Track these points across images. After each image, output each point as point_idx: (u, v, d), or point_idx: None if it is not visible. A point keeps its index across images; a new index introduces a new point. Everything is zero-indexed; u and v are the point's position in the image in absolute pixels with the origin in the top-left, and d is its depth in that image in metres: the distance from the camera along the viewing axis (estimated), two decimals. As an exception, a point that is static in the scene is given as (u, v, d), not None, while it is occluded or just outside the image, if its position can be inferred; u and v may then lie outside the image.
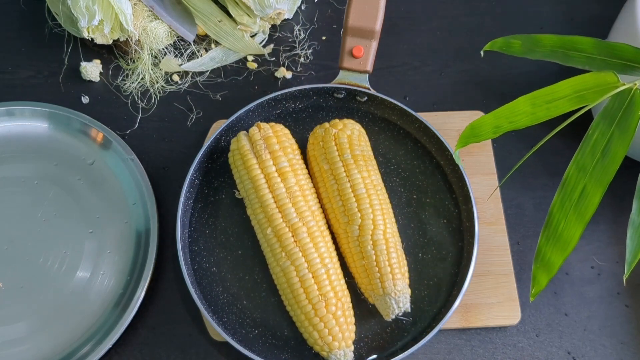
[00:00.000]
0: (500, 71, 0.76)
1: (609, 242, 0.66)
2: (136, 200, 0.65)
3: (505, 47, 0.56)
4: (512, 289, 0.62)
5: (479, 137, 0.51)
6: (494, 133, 0.51)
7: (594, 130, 0.49)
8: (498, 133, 0.51)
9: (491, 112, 0.51)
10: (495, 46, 0.56)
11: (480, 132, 0.51)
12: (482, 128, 0.51)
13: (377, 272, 0.57)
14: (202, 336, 0.61)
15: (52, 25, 0.76)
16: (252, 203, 0.60)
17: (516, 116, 0.50)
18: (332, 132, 0.62)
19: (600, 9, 0.80)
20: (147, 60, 0.73)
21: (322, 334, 0.55)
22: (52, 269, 0.63)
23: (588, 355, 0.62)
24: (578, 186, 0.49)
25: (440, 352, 0.61)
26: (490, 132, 0.51)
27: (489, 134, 0.51)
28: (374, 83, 0.67)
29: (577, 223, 0.48)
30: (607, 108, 0.49)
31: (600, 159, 0.48)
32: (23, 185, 0.66)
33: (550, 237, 0.49)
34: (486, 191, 0.67)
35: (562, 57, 0.54)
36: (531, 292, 0.49)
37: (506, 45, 0.56)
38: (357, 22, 0.64)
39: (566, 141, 0.67)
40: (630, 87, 0.49)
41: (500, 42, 0.56)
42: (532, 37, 0.55)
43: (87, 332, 0.60)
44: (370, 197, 0.59)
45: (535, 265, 0.49)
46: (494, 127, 0.51)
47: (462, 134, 0.51)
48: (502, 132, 0.51)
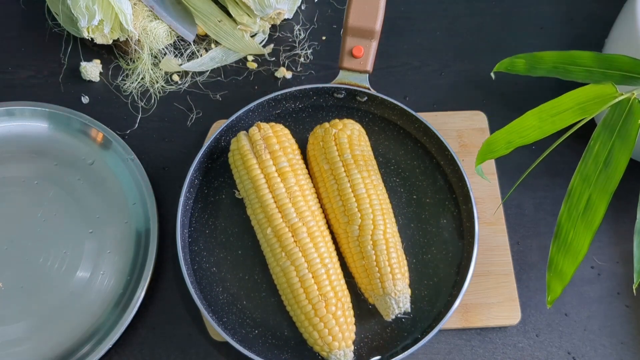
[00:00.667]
0: (500, 71, 0.76)
1: (609, 242, 0.66)
2: (136, 200, 0.65)
3: (510, 66, 0.58)
4: (512, 289, 0.62)
5: (494, 153, 0.53)
6: (506, 149, 0.53)
7: (595, 141, 0.50)
8: (510, 148, 0.53)
9: (503, 127, 0.52)
10: (502, 67, 0.58)
11: (496, 148, 0.53)
12: (496, 144, 0.53)
13: (377, 272, 0.57)
14: (202, 336, 0.61)
15: (52, 25, 0.76)
16: (252, 203, 0.60)
17: (525, 131, 0.52)
18: (332, 132, 0.62)
19: (600, 8, 0.79)
20: (147, 60, 0.73)
21: (322, 334, 0.55)
22: (52, 269, 0.63)
23: (588, 355, 0.62)
24: (583, 196, 0.49)
25: (440, 352, 0.62)
26: (504, 147, 0.53)
27: (503, 149, 0.53)
28: (374, 83, 0.67)
29: (586, 232, 0.49)
30: (607, 118, 0.50)
31: (603, 169, 0.49)
32: (23, 185, 0.66)
33: (561, 247, 0.50)
34: (486, 191, 0.67)
35: (563, 73, 0.55)
36: (547, 300, 0.50)
37: (511, 65, 0.58)
38: (357, 22, 0.64)
39: (566, 141, 0.67)
40: (628, 97, 0.49)
41: (506, 63, 0.58)
42: (534, 55, 0.57)
43: (87, 332, 0.60)
44: (370, 197, 0.59)
45: (549, 274, 0.50)
46: (506, 142, 0.53)
47: (480, 151, 0.53)
48: (514, 147, 0.52)
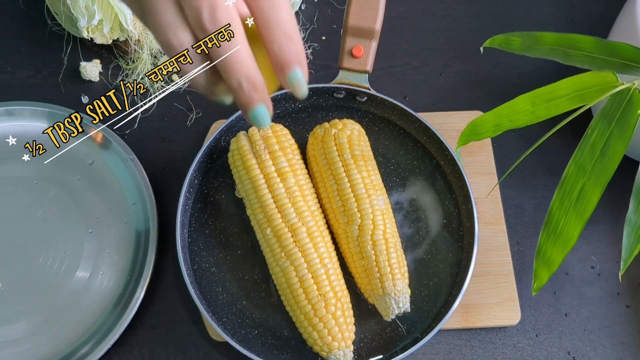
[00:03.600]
0: (500, 71, 0.76)
1: (609, 242, 0.66)
2: (136, 200, 0.65)
3: (504, 44, 0.56)
4: (512, 289, 0.62)
5: (479, 135, 0.52)
6: (494, 132, 0.51)
7: (593, 130, 0.49)
8: (498, 132, 0.51)
9: (491, 110, 0.51)
10: (495, 43, 0.56)
11: (481, 130, 0.52)
12: (482, 126, 0.52)
13: (377, 272, 0.57)
14: (201, 336, 0.61)
15: (52, 25, 0.76)
16: (252, 203, 0.59)
17: (516, 115, 0.51)
18: (332, 132, 0.62)
19: (600, 8, 0.79)
20: (147, 60, 0.73)
21: (322, 334, 0.55)
22: (51, 268, 0.63)
23: (588, 356, 0.61)
24: (577, 185, 0.49)
25: (440, 353, 0.61)
26: (490, 130, 0.51)
27: (489, 132, 0.51)
28: (374, 83, 0.67)
29: (577, 221, 0.49)
30: (606, 107, 0.49)
31: (599, 158, 0.48)
32: (22, 185, 0.66)
33: (551, 235, 0.49)
34: (486, 191, 0.66)
35: (562, 56, 0.54)
36: (533, 287, 0.50)
37: (506, 42, 0.56)
38: (357, 22, 0.64)
39: (566, 141, 0.67)
40: (629, 87, 0.49)
41: (499, 39, 0.56)
42: (532, 34, 0.55)
43: (86, 332, 0.60)
44: (370, 197, 0.59)
45: (537, 262, 0.50)
46: (494, 125, 0.51)
47: (463, 132, 0.52)
48: (503, 131, 0.51)
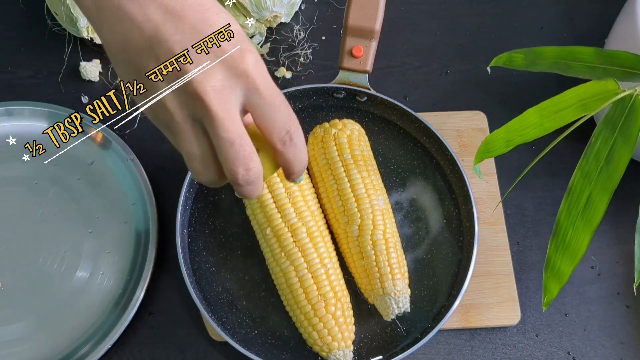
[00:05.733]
0: (500, 71, 0.75)
1: (609, 242, 0.66)
2: (136, 200, 0.65)
3: (508, 61, 0.57)
4: (512, 289, 0.62)
5: (492, 152, 0.52)
6: (505, 147, 0.51)
7: (596, 138, 0.49)
8: (510, 147, 0.51)
9: (502, 126, 0.51)
10: (499, 61, 0.57)
11: (494, 147, 0.52)
12: (495, 143, 0.52)
13: (377, 272, 0.57)
14: (201, 336, 0.61)
15: (52, 25, 0.76)
16: (252, 203, 0.59)
17: (526, 129, 0.51)
18: (332, 132, 0.62)
19: (600, 8, 0.79)
20: (147, 60, 0.73)
21: (322, 334, 0.55)
22: (51, 269, 0.63)
23: (588, 356, 0.61)
24: (584, 194, 0.48)
25: (440, 352, 0.61)
26: (503, 146, 0.51)
27: (502, 148, 0.51)
28: (374, 83, 0.67)
29: (585, 230, 0.48)
30: (609, 115, 0.49)
31: (604, 166, 0.48)
32: (22, 185, 0.66)
33: (559, 246, 0.49)
34: (486, 191, 0.67)
35: (564, 68, 0.54)
36: (543, 301, 0.49)
37: (509, 60, 0.57)
38: (357, 21, 0.64)
39: (566, 141, 0.67)
40: (630, 94, 0.49)
41: (504, 58, 0.57)
42: (534, 50, 0.56)
43: (86, 332, 0.60)
44: (370, 197, 0.59)
45: (546, 274, 0.49)
46: (505, 141, 0.51)
47: (479, 150, 0.52)
48: (514, 146, 0.51)
